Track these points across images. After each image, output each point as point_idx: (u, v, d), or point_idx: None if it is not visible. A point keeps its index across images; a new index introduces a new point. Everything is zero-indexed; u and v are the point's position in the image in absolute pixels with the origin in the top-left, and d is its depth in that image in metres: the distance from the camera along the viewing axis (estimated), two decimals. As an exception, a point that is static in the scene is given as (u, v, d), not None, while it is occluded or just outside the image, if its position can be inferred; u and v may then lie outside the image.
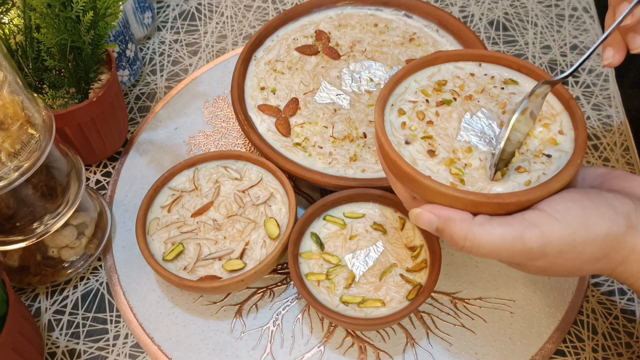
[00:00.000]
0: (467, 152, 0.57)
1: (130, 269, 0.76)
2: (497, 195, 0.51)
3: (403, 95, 0.62)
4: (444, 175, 0.55)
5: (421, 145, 0.58)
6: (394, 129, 0.59)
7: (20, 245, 0.68)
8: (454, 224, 0.52)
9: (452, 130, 0.59)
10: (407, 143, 0.58)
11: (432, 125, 0.60)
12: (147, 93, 0.96)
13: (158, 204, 0.74)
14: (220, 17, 1.07)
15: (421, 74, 0.64)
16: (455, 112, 0.61)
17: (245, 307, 0.73)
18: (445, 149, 0.58)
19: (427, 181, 0.52)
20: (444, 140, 0.59)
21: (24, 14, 0.73)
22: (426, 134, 0.59)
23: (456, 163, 0.57)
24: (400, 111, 0.61)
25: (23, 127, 0.63)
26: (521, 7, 1.06)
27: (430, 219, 0.53)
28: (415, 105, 0.61)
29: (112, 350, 0.71)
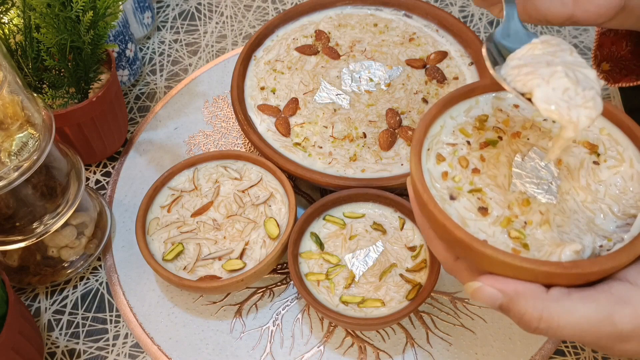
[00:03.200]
0: (525, 206, 0.49)
1: (130, 268, 0.76)
2: (576, 263, 0.42)
3: (439, 137, 0.53)
4: (502, 239, 0.47)
5: (469, 201, 0.49)
6: (434, 180, 0.50)
7: (20, 245, 0.68)
8: (524, 300, 0.43)
9: (502, 178, 0.50)
10: (452, 198, 0.49)
11: (478, 174, 0.51)
12: (146, 93, 0.96)
13: (158, 203, 0.74)
14: (220, 17, 1.07)
15: (457, 108, 0.55)
16: (503, 155, 0.52)
17: (245, 307, 0.73)
18: (498, 204, 0.49)
19: (487, 250, 0.43)
20: (495, 192, 0.50)
21: (24, 14, 0.73)
22: (473, 185, 0.50)
23: (514, 222, 0.48)
24: (439, 157, 0.52)
25: (23, 127, 0.63)
26: (521, 7, 1.06)
27: (493, 295, 0.44)
28: (455, 149, 0.52)
29: (111, 350, 0.71)
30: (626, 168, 0.50)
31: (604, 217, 0.48)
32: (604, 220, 0.48)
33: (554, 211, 0.49)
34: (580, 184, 0.50)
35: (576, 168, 0.51)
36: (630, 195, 0.49)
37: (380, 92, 0.82)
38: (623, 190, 0.49)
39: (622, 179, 0.50)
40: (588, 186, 0.50)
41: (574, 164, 0.51)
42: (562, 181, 0.50)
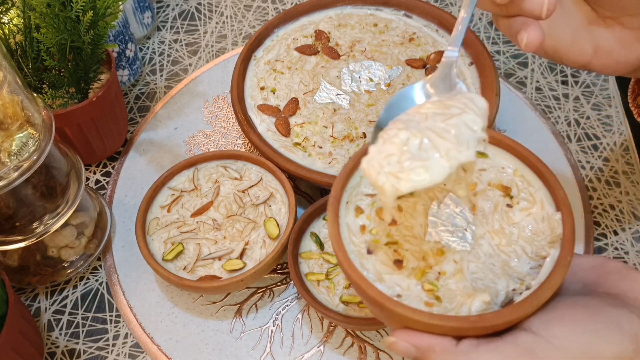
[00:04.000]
0: (439, 256, 0.50)
1: (130, 268, 0.76)
2: (481, 317, 0.43)
3: (358, 188, 0.53)
4: (416, 291, 0.48)
5: (386, 254, 0.50)
6: (352, 235, 0.51)
7: (20, 245, 0.68)
8: (434, 355, 0.45)
9: (418, 228, 0.51)
10: (369, 253, 0.50)
11: (395, 226, 0.51)
12: (146, 93, 0.96)
13: (158, 203, 0.74)
14: (220, 17, 1.07)
15: None
16: (420, 204, 0.52)
17: (245, 307, 0.73)
18: (414, 255, 0.50)
19: (398, 309, 0.44)
20: (411, 244, 0.50)
21: (24, 14, 0.73)
22: (390, 238, 0.51)
23: (428, 274, 0.49)
24: (358, 210, 0.52)
25: (23, 127, 0.63)
26: (521, 7, 1.06)
27: (407, 350, 0.46)
28: (373, 200, 0.53)
29: (111, 350, 0.71)
30: (538, 210, 0.51)
31: (518, 259, 0.49)
32: (518, 263, 0.49)
33: (468, 258, 0.50)
34: (494, 228, 0.51)
35: (491, 212, 0.52)
36: (542, 237, 0.50)
37: (380, 92, 0.82)
38: (535, 232, 0.50)
39: (534, 220, 0.51)
40: (502, 229, 0.51)
41: (488, 208, 0.52)
42: (477, 226, 0.51)
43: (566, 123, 0.89)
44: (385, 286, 0.48)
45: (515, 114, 0.89)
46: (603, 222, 0.79)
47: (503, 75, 0.95)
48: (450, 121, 0.45)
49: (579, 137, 0.87)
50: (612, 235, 0.78)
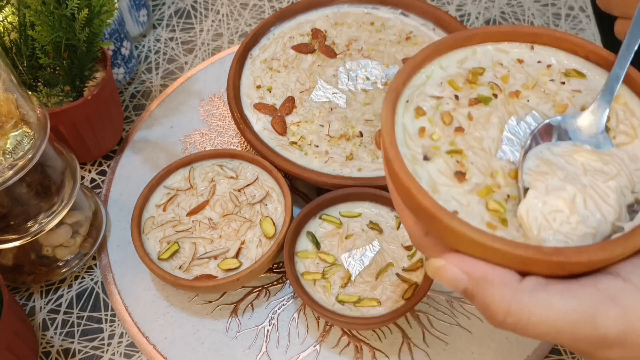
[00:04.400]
0: (511, 177, 0.42)
1: (125, 268, 0.76)
2: (559, 250, 0.36)
3: (423, 88, 0.46)
4: (478, 210, 0.40)
5: (446, 164, 0.42)
6: (409, 137, 0.43)
7: (15, 244, 0.68)
8: (491, 288, 0.37)
9: (490, 142, 0.43)
10: (426, 159, 0.43)
11: (462, 134, 0.44)
12: (142, 91, 0.95)
13: (153, 202, 0.74)
14: (216, 15, 1.06)
15: (450, 57, 0.47)
16: (496, 115, 0.45)
17: (241, 306, 0.73)
18: (480, 170, 0.42)
19: (454, 223, 0.37)
20: (478, 156, 0.43)
21: (19, 12, 0.73)
22: (454, 146, 0.43)
23: (495, 193, 0.41)
24: (419, 111, 0.45)
25: (17, 125, 0.63)
26: (517, 6, 1.06)
27: (457, 277, 0.38)
28: (439, 103, 0.45)
29: (107, 349, 0.71)
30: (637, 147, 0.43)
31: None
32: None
33: None
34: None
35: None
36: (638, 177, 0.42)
37: (377, 90, 0.82)
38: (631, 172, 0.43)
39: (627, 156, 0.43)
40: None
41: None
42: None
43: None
44: (441, 199, 0.40)
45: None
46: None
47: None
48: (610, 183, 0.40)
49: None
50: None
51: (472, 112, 0.45)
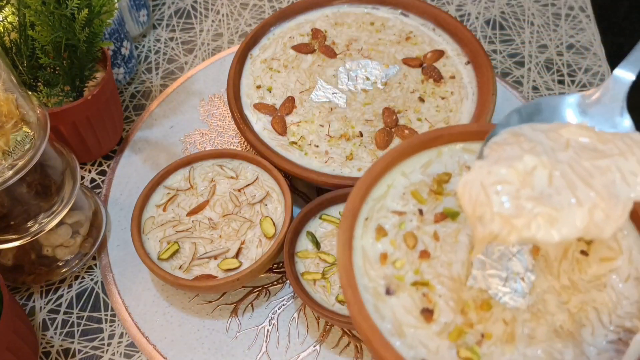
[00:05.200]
0: (484, 310, 0.37)
1: (125, 268, 0.76)
2: None
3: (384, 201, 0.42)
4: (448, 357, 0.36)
5: (411, 298, 0.38)
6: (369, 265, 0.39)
7: (15, 244, 0.68)
8: None
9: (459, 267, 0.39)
10: (388, 293, 0.38)
11: (428, 259, 0.39)
12: (142, 91, 0.95)
13: (153, 202, 0.74)
14: (216, 15, 1.06)
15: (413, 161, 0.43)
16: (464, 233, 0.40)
17: (241, 306, 0.73)
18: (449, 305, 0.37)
19: None
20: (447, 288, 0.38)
21: (19, 12, 0.73)
22: (419, 275, 0.39)
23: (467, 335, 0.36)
24: (380, 230, 0.40)
25: (17, 125, 0.63)
26: (517, 6, 1.06)
27: None
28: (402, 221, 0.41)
29: (107, 349, 0.71)
30: (624, 263, 0.38)
31: (592, 328, 0.37)
32: (591, 336, 0.37)
33: (522, 319, 0.37)
34: (562, 282, 0.39)
35: (557, 259, 0.39)
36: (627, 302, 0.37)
37: (377, 91, 0.82)
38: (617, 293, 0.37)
39: (617, 277, 0.38)
40: (572, 285, 0.38)
41: (554, 253, 0.40)
42: (538, 276, 0.39)
43: (563, 122, 0.88)
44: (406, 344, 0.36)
45: (511, 113, 0.88)
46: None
47: (500, 74, 0.95)
48: (599, 162, 0.33)
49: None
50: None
51: (439, 230, 0.41)
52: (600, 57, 0.97)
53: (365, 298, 0.37)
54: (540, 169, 0.33)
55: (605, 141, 0.35)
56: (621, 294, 0.37)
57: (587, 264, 0.39)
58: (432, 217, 0.41)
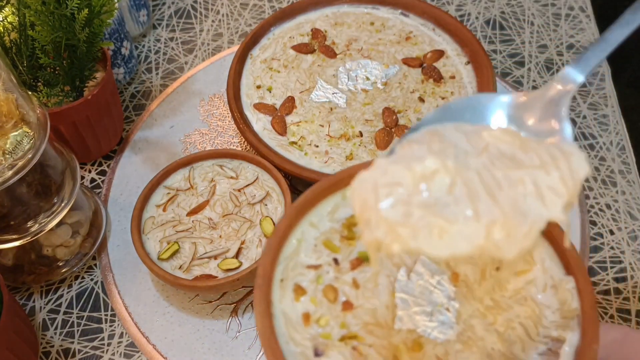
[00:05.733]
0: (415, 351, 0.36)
1: (125, 268, 0.76)
2: None
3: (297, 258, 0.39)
4: None
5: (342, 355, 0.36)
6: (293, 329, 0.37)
7: (15, 244, 0.67)
8: None
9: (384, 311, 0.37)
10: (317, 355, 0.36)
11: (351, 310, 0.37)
12: (142, 91, 0.95)
13: (153, 202, 0.74)
14: (216, 15, 1.06)
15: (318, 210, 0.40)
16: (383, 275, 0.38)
17: (241, 306, 0.73)
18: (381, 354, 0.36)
19: None
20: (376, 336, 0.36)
21: (19, 12, 0.72)
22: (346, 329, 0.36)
23: None
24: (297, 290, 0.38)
25: (17, 125, 0.63)
26: (517, 6, 1.06)
27: None
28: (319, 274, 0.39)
29: (107, 349, 0.71)
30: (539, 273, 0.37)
31: (523, 345, 0.36)
32: (522, 352, 0.36)
33: (455, 350, 0.36)
34: (485, 304, 0.37)
35: (477, 281, 0.38)
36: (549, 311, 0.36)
37: (377, 91, 0.82)
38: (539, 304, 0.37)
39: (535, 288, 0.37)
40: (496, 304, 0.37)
41: (473, 274, 0.38)
42: (461, 303, 0.38)
43: (562, 122, 0.88)
44: None
45: (511, 113, 0.88)
46: (599, 222, 0.79)
47: (500, 74, 0.95)
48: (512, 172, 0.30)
49: (575, 136, 0.87)
50: (608, 234, 0.78)
51: (357, 277, 0.39)
52: (600, 57, 0.97)
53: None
54: (443, 174, 0.30)
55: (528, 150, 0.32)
56: (542, 304, 0.36)
57: (506, 280, 0.37)
58: (348, 264, 0.39)
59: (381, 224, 0.29)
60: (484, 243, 0.28)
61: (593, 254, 0.76)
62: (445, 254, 0.28)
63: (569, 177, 0.30)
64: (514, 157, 0.31)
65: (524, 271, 0.37)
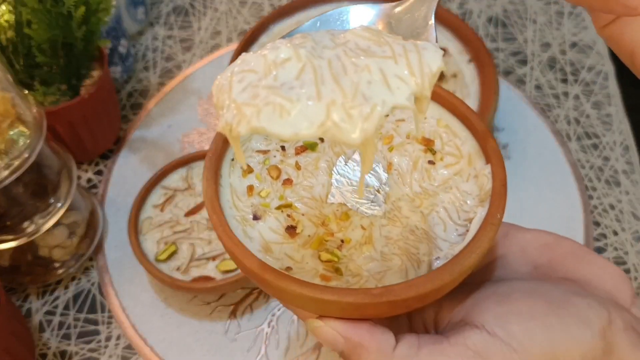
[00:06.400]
0: (343, 220, 0.41)
1: (123, 269, 0.75)
2: (387, 290, 0.34)
3: (249, 143, 0.44)
4: (312, 264, 0.39)
5: (277, 220, 0.41)
6: (237, 198, 0.41)
7: (11, 244, 0.67)
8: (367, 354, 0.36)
9: (320, 188, 0.42)
10: (256, 219, 0.41)
11: (290, 186, 0.42)
12: (139, 90, 0.94)
13: (151, 203, 0.74)
14: (215, 12, 1.06)
15: None
16: (324, 160, 0.43)
17: (240, 308, 0.72)
18: (312, 220, 0.41)
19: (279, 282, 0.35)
20: (309, 207, 0.41)
21: (15, 10, 0.72)
22: (283, 200, 0.42)
23: (328, 242, 0.40)
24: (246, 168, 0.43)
25: (13, 124, 0.62)
26: (520, 4, 1.05)
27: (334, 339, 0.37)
28: (266, 157, 0.44)
29: (104, 351, 0.70)
30: (464, 165, 0.42)
31: (444, 226, 0.40)
32: (443, 231, 0.40)
33: (380, 223, 0.41)
34: (413, 190, 0.42)
35: (409, 170, 0.43)
36: (470, 197, 0.41)
37: (378, 89, 0.81)
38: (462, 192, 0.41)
39: (461, 179, 0.42)
40: (424, 191, 0.42)
41: (406, 165, 0.43)
42: (392, 188, 0.42)
43: (566, 122, 0.88)
44: (273, 258, 0.39)
45: (514, 112, 0.88)
46: (602, 222, 0.78)
47: (502, 73, 0.94)
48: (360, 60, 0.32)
49: (579, 135, 0.86)
50: (611, 235, 0.77)
51: (300, 160, 0.43)
52: (604, 56, 0.96)
53: (233, 225, 0.39)
54: (294, 61, 0.32)
55: (383, 44, 0.34)
56: (465, 192, 0.41)
57: (435, 171, 0.43)
58: (293, 150, 0.44)
59: (231, 106, 0.32)
60: (326, 122, 0.30)
61: (596, 255, 0.75)
62: (288, 133, 0.30)
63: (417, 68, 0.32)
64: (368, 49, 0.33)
65: (453, 164, 0.42)
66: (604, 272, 0.41)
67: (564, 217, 0.77)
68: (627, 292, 0.40)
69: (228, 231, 0.37)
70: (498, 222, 0.37)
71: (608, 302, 0.38)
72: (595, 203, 0.80)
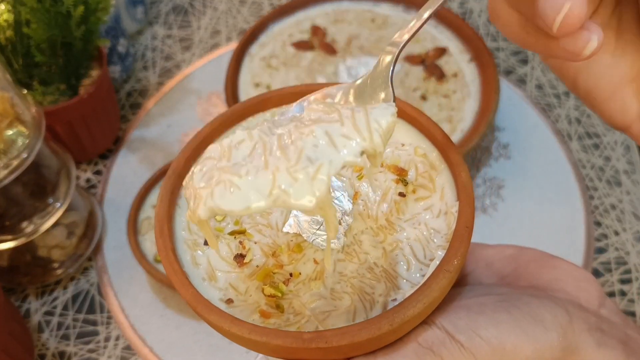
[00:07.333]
0: (295, 252, 0.39)
1: (122, 269, 0.75)
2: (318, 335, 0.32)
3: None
4: (256, 297, 0.37)
5: (228, 246, 0.39)
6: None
7: (10, 244, 0.67)
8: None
9: (278, 215, 0.40)
10: (206, 244, 0.39)
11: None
12: (138, 89, 0.94)
13: (150, 203, 0.73)
14: (214, 12, 1.05)
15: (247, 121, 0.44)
16: None
17: (240, 308, 0.72)
18: (263, 250, 0.39)
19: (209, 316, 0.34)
20: (263, 235, 0.39)
21: (14, 9, 0.72)
22: (238, 225, 0.40)
23: (275, 275, 0.38)
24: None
25: (12, 124, 0.62)
26: (520, 3, 1.05)
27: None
28: None
29: (103, 352, 0.70)
30: (436, 200, 0.39)
31: (407, 265, 0.38)
32: (407, 271, 0.38)
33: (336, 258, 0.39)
34: (379, 223, 0.40)
35: (376, 201, 0.41)
36: (439, 236, 0.38)
37: (378, 89, 0.81)
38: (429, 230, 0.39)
39: (431, 214, 0.39)
40: (389, 225, 0.40)
41: (373, 196, 0.41)
42: (355, 219, 0.40)
43: (567, 121, 0.87)
44: (216, 288, 0.37)
45: (515, 112, 0.87)
46: (604, 222, 0.78)
47: (503, 72, 0.94)
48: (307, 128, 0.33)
49: (580, 135, 0.86)
50: (612, 235, 0.77)
51: None
52: (604, 55, 0.96)
53: (182, 249, 0.38)
54: (247, 141, 0.33)
55: (332, 111, 0.34)
56: (433, 229, 0.39)
57: (405, 204, 0.40)
58: None
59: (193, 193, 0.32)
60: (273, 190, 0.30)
61: (597, 255, 0.75)
62: (239, 208, 0.31)
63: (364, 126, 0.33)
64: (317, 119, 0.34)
65: (424, 197, 0.40)
66: (567, 276, 0.41)
67: (564, 218, 0.77)
68: (594, 293, 0.40)
69: (170, 257, 0.37)
70: (454, 269, 0.34)
71: (567, 303, 0.38)
72: (597, 203, 0.79)
